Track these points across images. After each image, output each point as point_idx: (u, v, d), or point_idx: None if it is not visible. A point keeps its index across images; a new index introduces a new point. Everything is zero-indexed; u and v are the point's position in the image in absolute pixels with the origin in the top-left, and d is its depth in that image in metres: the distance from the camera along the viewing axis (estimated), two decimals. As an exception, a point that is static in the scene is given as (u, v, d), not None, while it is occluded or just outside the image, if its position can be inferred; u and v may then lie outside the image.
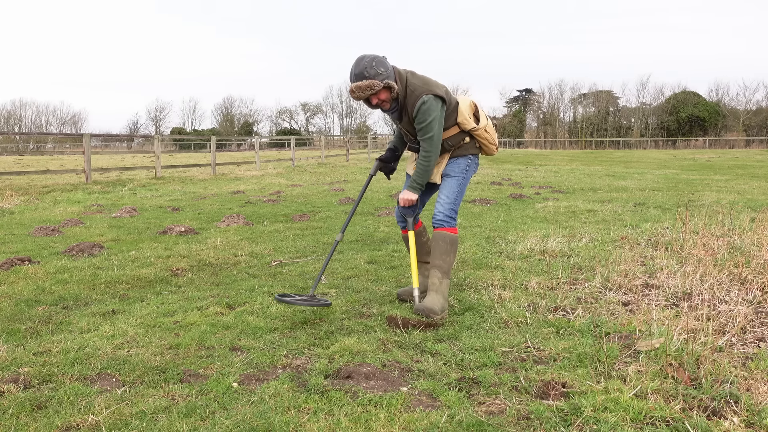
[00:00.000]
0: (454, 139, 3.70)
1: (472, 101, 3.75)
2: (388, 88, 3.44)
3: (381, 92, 3.44)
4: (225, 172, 19.69)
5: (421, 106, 3.46)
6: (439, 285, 3.58)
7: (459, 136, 3.71)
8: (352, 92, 3.42)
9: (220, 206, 9.81)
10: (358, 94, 3.40)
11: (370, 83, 3.35)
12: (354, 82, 3.39)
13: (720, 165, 23.59)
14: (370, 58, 3.39)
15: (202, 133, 75.19)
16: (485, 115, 3.79)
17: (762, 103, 72.06)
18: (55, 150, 46.73)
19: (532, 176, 16.62)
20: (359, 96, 3.41)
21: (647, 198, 10.29)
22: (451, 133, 3.68)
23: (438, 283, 3.59)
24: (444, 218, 3.68)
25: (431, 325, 3.33)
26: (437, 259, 3.64)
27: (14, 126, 79.38)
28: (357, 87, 3.37)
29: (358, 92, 3.39)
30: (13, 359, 2.84)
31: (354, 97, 3.45)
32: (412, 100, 3.49)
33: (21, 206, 9.74)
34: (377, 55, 3.43)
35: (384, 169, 3.99)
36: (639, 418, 2.18)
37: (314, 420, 2.23)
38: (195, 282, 4.49)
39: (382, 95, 3.46)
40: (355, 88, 3.38)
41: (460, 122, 3.66)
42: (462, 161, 3.74)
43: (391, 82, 3.41)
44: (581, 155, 37.24)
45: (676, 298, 3.73)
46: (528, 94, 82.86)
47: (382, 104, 3.51)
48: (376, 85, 3.36)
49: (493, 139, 3.80)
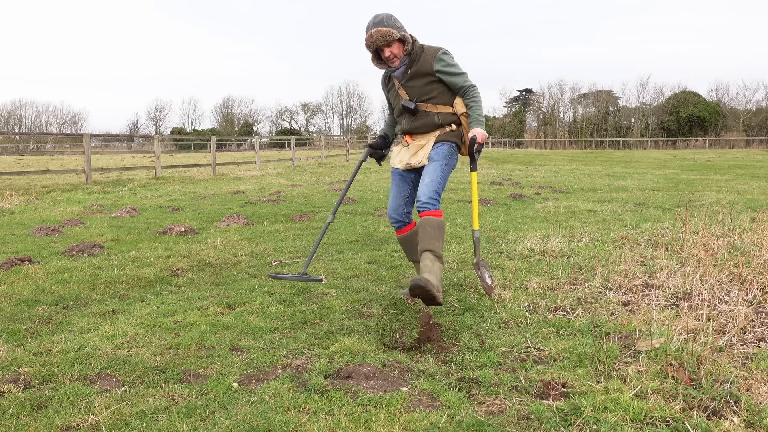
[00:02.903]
0: (446, 118, 3.79)
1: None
2: (401, 42, 3.66)
3: (394, 44, 3.65)
4: (225, 172, 19.70)
5: (443, 56, 3.70)
6: (432, 266, 3.47)
7: (450, 117, 3.80)
8: (370, 37, 3.60)
9: (220, 206, 9.81)
10: (376, 38, 3.58)
11: (389, 30, 3.57)
12: (373, 28, 3.60)
13: (720, 165, 23.59)
14: (387, 13, 3.66)
15: (202, 133, 75.19)
16: None
17: (762, 103, 72.10)
18: (55, 150, 46.73)
19: (532, 176, 16.63)
20: (376, 41, 3.59)
21: (647, 198, 10.29)
22: (445, 111, 3.78)
23: (431, 265, 3.48)
24: (428, 200, 3.60)
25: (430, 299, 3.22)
26: (427, 244, 3.54)
27: (14, 126, 79.39)
28: (376, 31, 3.58)
29: (376, 36, 3.58)
30: (13, 359, 2.84)
31: (370, 42, 3.63)
32: (432, 51, 3.71)
33: (21, 206, 9.74)
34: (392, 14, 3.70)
35: (374, 155, 4.11)
36: (639, 418, 2.18)
37: (314, 420, 2.23)
38: (195, 282, 4.49)
39: (395, 48, 3.65)
40: (374, 32, 3.58)
41: (455, 104, 3.81)
42: (446, 146, 3.77)
43: (406, 35, 3.65)
44: (581, 155, 37.24)
45: (676, 298, 3.73)
46: (528, 94, 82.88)
47: (391, 60, 3.68)
48: (393, 33, 3.60)
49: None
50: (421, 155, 3.75)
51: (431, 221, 3.58)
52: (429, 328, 3.01)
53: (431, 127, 3.76)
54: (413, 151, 3.78)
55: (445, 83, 3.74)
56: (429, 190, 3.62)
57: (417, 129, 3.78)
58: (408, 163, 3.78)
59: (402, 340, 2.95)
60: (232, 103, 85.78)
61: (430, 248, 3.52)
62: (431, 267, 3.46)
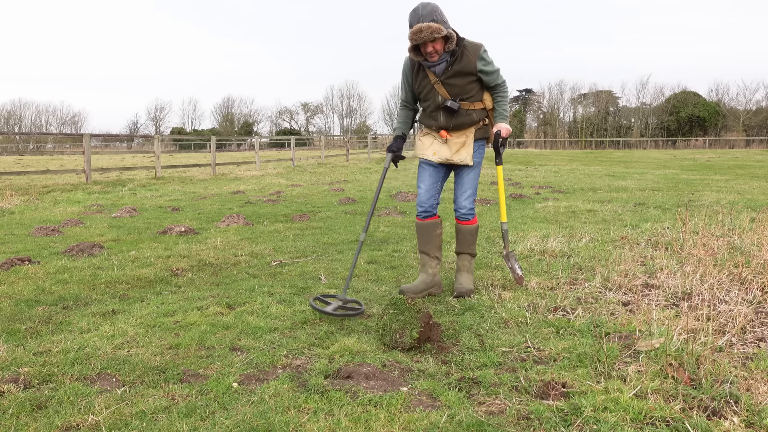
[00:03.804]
0: (480, 114, 3.88)
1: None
2: (444, 39, 3.56)
3: (438, 41, 3.55)
4: (225, 172, 19.70)
5: (484, 55, 3.70)
6: (470, 264, 4.02)
7: (482, 113, 3.89)
8: (420, 31, 3.44)
9: (220, 206, 9.81)
10: (426, 35, 3.44)
11: (439, 27, 3.45)
12: (424, 21, 3.44)
13: (720, 165, 23.59)
14: (435, 4, 3.52)
15: (202, 133, 75.19)
16: None
17: (762, 103, 72.11)
18: (55, 150, 46.73)
19: (532, 176, 16.62)
20: (425, 37, 3.46)
21: (647, 198, 10.29)
22: (478, 107, 3.86)
23: (469, 265, 4.01)
24: (468, 212, 3.96)
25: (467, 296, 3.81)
26: (467, 249, 4.02)
27: (14, 126, 79.39)
28: (428, 27, 3.43)
29: (426, 32, 3.44)
30: (13, 359, 2.84)
31: (418, 37, 3.47)
32: (474, 48, 3.68)
33: (21, 206, 9.74)
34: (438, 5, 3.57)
35: (395, 160, 4.07)
36: (639, 418, 2.18)
37: (314, 420, 2.23)
38: (195, 282, 4.49)
39: (438, 45, 3.57)
40: (425, 27, 3.43)
41: (484, 99, 3.86)
42: (482, 148, 3.95)
43: (452, 32, 3.56)
44: (581, 155, 37.23)
45: (676, 298, 3.73)
46: (528, 94, 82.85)
47: (432, 54, 3.59)
48: (442, 30, 3.47)
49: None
50: (464, 154, 3.84)
51: (470, 229, 4.01)
52: (429, 328, 3.01)
53: (469, 124, 3.85)
54: (455, 148, 3.85)
55: (483, 81, 3.80)
56: (470, 201, 3.96)
57: (457, 127, 3.85)
58: (449, 159, 3.87)
59: (402, 340, 2.95)
60: (232, 103, 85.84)
61: (469, 252, 4.03)
62: (469, 267, 4.02)
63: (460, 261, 4.01)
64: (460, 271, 3.99)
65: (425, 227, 3.98)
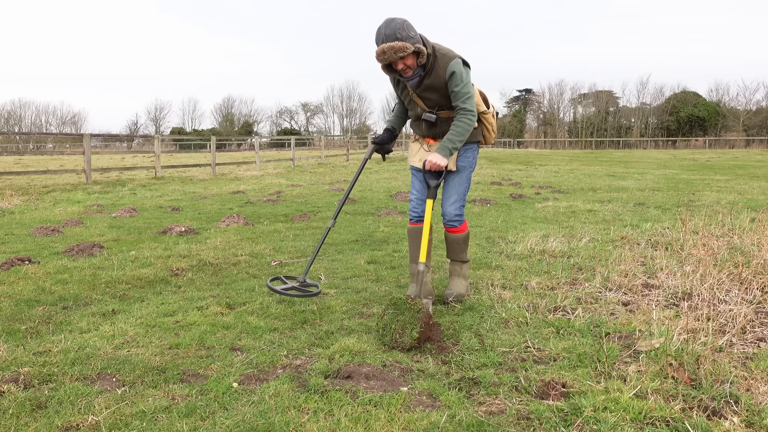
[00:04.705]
0: None
1: (478, 88, 3.81)
2: (416, 54, 3.39)
3: (408, 57, 3.38)
4: (225, 172, 19.70)
5: (455, 68, 3.44)
6: (461, 270, 3.95)
7: None
8: (383, 53, 3.31)
9: (220, 206, 9.81)
10: (390, 56, 3.30)
11: (403, 45, 3.28)
12: (385, 42, 3.29)
13: (720, 165, 23.59)
14: (401, 20, 3.32)
15: (202, 133, 75.19)
16: (491, 104, 3.88)
17: (762, 103, 72.14)
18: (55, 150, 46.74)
19: (532, 176, 16.62)
20: (389, 57, 3.32)
21: (647, 198, 10.29)
22: None
23: (460, 269, 3.95)
24: (453, 218, 3.82)
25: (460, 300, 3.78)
26: (455, 257, 3.94)
27: (14, 126, 79.41)
28: (390, 47, 3.27)
29: (389, 53, 3.29)
30: (13, 359, 2.84)
31: (382, 59, 3.35)
32: (444, 62, 3.46)
33: (21, 206, 9.74)
34: (405, 19, 3.36)
35: (380, 151, 3.93)
36: (639, 418, 2.18)
37: (314, 420, 2.23)
38: (195, 282, 4.49)
39: (409, 60, 3.39)
40: (387, 48, 3.28)
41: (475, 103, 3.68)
42: (470, 152, 3.81)
43: (421, 47, 3.36)
44: (581, 155, 37.23)
45: (676, 298, 3.73)
46: (528, 94, 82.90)
47: (405, 70, 3.44)
48: (407, 48, 3.29)
49: (494, 127, 3.90)
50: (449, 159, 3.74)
51: (458, 238, 3.90)
52: (429, 328, 3.01)
53: None
54: None
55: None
56: (456, 207, 3.81)
57: (440, 135, 3.71)
58: None
59: (402, 340, 2.95)
60: (232, 103, 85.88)
61: (458, 259, 3.95)
62: (460, 271, 3.96)
63: (451, 266, 3.99)
64: (451, 275, 3.98)
65: (415, 231, 3.97)
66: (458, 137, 3.51)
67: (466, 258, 3.95)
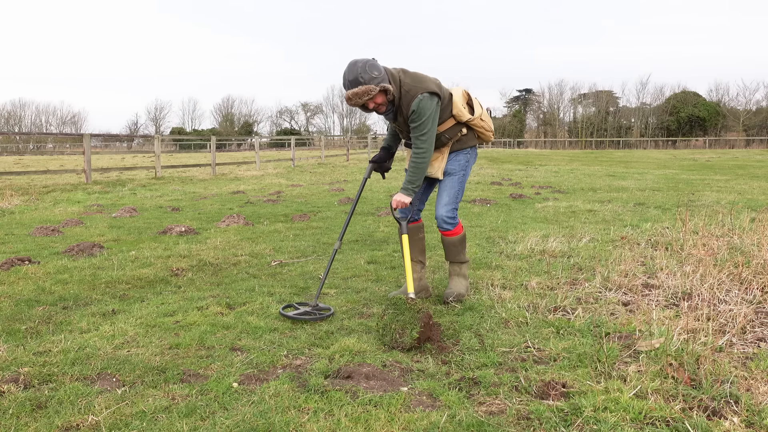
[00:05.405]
0: (451, 132, 3.71)
1: (464, 90, 3.76)
2: (383, 92, 3.40)
3: (377, 96, 3.40)
4: (225, 172, 19.70)
5: (415, 106, 3.43)
6: (460, 270, 3.95)
7: (455, 128, 3.72)
8: (349, 99, 3.37)
9: (220, 206, 9.81)
10: (355, 101, 3.36)
11: (366, 89, 3.31)
12: (349, 89, 3.34)
13: (720, 165, 23.58)
14: (362, 62, 3.34)
15: (202, 133, 75.20)
16: (479, 103, 3.81)
17: (762, 103, 72.14)
18: (55, 150, 46.75)
19: (532, 176, 16.62)
20: (356, 102, 3.37)
21: (647, 198, 10.29)
22: (447, 126, 3.69)
23: (459, 269, 3.94)
24: (447, 221, 3.81)
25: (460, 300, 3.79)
26: (453, 258, 3.94)
27: (14, 126, 79.39)
28: (354, 94, 3.32)
29: (355, 99, 3.35)
30: (13, 359, 2.84)
31: (350, 104, 3.40)
32: (407, 100, 3.47)
33: (21, 206, 9.74)
34: (368, 58, 3.38)
35: (379, 170, 3.95)
36: (639, 418, 2.18)
37: (314, 420, 2.23)
38: (195, 282, 4.49)
39: (378, 99, 3.42)
40: (351, 95, 3.34)
41: (455, 114, 3.66)
42: (462, 156, 3.79)
43: (386, 86, 3.37)
44: (581, 155, 37.23)
45: (676, 298, 3.73)
46: (528, 94, 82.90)
47: (378, 108, 3.48)
48: (372, 90, 3.32)
49: (489, 126, 3.86)
50: (436, 167, 3.75)
51: (453, 241, 3.89)
52: (429, 328, 3.01)
53: (440, 146, 3.73)
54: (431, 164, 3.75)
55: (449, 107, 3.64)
56: (448, 209, 3.80)
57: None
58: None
59: (402, 340, 2.95)
60: (232, 103, 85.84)
61: (457, 260, 3.94)
62: (459, 271, 3.95)
63: (451, 266, 4.00)
64: (451, 275, 3.98)
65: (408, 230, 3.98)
66: (414, 176, 3.59)
67: (464, 259, 3.95)
